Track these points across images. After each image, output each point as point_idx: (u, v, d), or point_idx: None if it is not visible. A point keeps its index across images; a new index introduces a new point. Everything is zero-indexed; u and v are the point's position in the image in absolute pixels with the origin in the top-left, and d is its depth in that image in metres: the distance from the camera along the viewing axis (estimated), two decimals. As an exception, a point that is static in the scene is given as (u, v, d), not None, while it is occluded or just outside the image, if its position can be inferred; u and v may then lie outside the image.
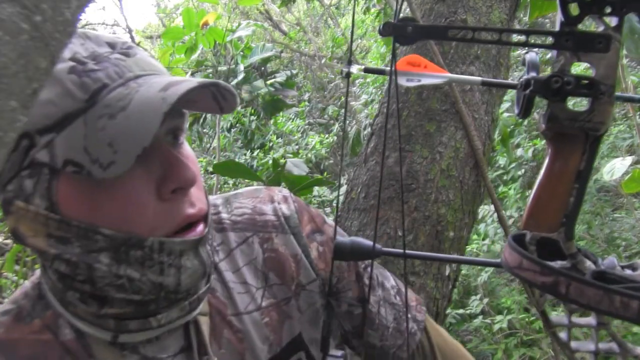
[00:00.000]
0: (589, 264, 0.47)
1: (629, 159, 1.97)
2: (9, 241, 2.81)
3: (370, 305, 0.76)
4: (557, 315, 0.51)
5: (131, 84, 0.53)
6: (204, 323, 0.65)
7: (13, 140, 0.28)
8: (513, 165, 4.40)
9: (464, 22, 1.56)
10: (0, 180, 0.54)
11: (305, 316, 0.73)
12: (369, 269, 0.78)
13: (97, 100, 0.51)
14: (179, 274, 0.56)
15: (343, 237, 0.66)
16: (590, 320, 0.49)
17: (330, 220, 0.80)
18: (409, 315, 0.78)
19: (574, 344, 0.50)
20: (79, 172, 0.50)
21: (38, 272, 0.65)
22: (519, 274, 0.46)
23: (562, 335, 0.50)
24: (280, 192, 0.77)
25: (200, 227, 0.59)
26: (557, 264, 0.47)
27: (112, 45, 0.56)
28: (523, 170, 4.35)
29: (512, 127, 3.76)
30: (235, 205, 0.75)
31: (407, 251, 0.60)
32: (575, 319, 0.50)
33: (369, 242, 0.63)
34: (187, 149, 0.61)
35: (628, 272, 0.47)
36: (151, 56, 0.59)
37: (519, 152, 4.32)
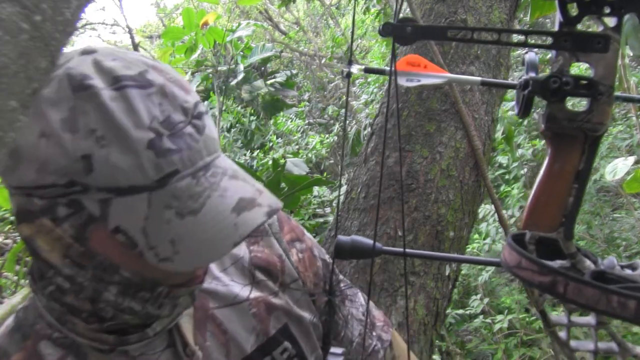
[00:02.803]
0: (588, 263, 0.47)
1: (631, 159, 1.96)
2: (9, 241, 2.81)
3: (338, 317, 0.80)
4: (557, 314, 0.51)
5: (202, 179, 0.54)
6: (184, 316, 0.67)
7: (13, 140, 0.28)
8: (515, 164, 4.40)
9: (464, 22, 1.56)
10: (25, 184, 0.52)
11: (292, 311, 0.76)
12: (340, 284, 0.83)
13: (166, 183, 0.52)
14: (173, 308, 0.61)
15: (344, 237, 0.66)
16: (590, 319, 0.50)
17: (309, 234, 0.85)
18: (374, 334, 0.82)
19: (573, 343, 0.50)
20: (130, 247, 0.52)
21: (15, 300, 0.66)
22: (517, 274, 0.46)
23: (562, 334, 0.50)
24: None
25: (201, 278, 0.64)
26: (557, 263, 0.47)
27: (185, 112, 0.55)
28: (525, 169, 4.34)
29: (514, 126, 3.75)
30: None
31: (407, 250, 0.60)
32: (575, 318, 0.50)
33: (369, 241, 0.63)
34: None
35: (628, 271, 0.47)
36: (205, 112, 0.58)
37: (520, 152, 4.32)
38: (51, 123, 0.50)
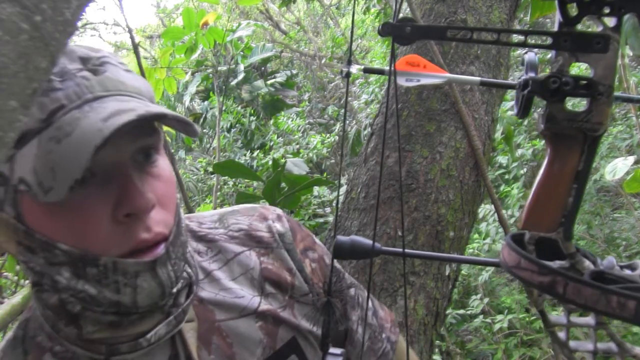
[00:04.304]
0: (587, 263, 0.47)
1: (630, 159, 1.96)
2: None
3: (351, 322, 0.80)
4: (557, 314, 0.51)
5: (85, 108, 0.52)
6: (189, 331, 0.66)
7: (13, 140, 0.28)
8: (515, 164, 4.40)
9: (463, 22, 1.56)
10: None
11: (300, 325, 0.75)
12: (351, 289, 0.82)
13: (53, 121, 0.51)
14: (135, 294, 0.58)
15: (343, 237, 0.66)
16: (589, 320, 0.49)
17: (319, 240, 0.84)
18: (384, 336, 0.83)
19: (572, 344, 0.50)
20: (29, 192, 0.52)
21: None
22: (517, 274, 0.46)
23: (561, 334, 0.50)
24: (275, 211, 0.81)
25: (159, 250, 0.59)
26: (556, 264, 0.47)
27: (84, 61, 0.55)
28: (525, 169, 4.35)
29: (513, 126, 3.76)
30: (232, 222, 0.79)
31: (406, 250, 0.60)
32: (574, 318, 0.50)
33: (369, 241, 0.63)
34: (161, 168, 0.61)
35: (627, 272, 0.47)
36: (127, 70, 0.59)
37: (520, 152, 4.33)
38: None
